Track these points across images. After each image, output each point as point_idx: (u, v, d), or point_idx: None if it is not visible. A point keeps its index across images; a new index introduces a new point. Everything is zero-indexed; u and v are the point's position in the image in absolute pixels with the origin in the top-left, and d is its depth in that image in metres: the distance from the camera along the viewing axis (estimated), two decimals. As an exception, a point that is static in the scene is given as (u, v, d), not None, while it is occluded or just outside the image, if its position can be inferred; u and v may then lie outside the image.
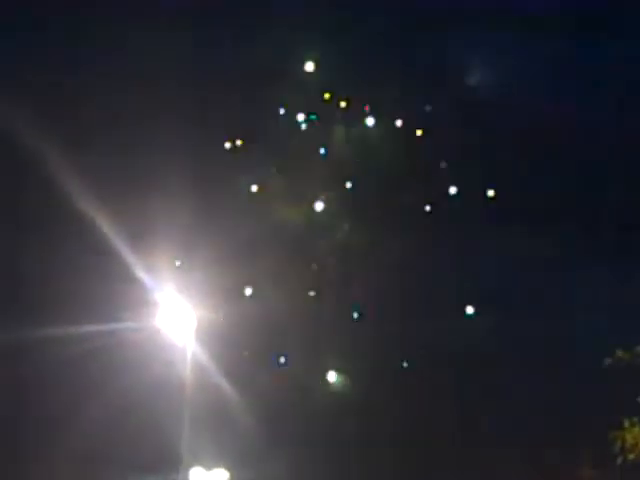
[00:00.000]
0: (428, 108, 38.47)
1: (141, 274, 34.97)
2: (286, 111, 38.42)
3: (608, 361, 26.92)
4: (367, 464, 35.13)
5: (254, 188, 38.59)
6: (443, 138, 37.99)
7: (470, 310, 37.71)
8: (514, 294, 37.25)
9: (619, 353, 26.81)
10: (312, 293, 37.84)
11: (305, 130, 38.64)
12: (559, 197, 37.50)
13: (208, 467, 33.87)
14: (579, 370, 34.69)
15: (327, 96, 38.42)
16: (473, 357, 35.97)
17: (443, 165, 38.46)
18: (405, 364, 36.98)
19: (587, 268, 36.35)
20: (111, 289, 35.02)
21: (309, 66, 38.53)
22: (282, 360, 37.05)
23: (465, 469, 34.99)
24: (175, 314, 34.16)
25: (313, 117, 38.61)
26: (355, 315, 37.28)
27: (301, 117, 38.62)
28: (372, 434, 35.32)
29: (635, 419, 25.98)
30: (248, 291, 38.13)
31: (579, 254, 36.91)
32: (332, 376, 36.83)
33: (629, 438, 25.89)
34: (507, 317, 36.11)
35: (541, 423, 35.61)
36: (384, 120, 38.45)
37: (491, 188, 38.00)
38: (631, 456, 25.87)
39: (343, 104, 38.47)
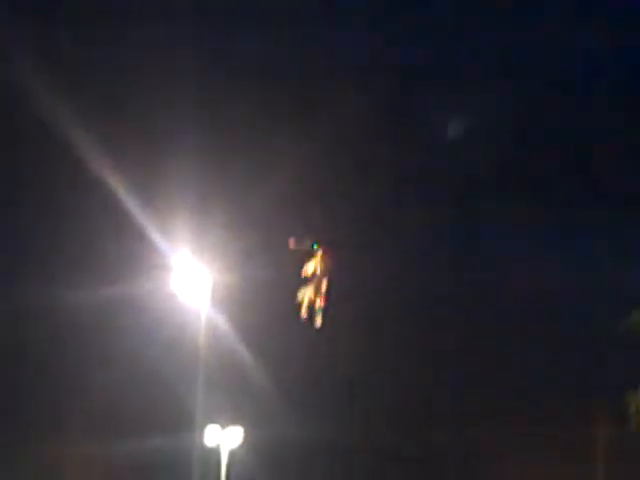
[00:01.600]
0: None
1: (156, 237, 35.03)
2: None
3: (624, 325, 26.97)
4: (379, 426, 35.35)
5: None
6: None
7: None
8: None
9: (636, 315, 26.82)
10: None
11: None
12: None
13: (223, 426, 34.03)
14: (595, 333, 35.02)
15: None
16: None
17: None
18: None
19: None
20: (125, 252, 35.09)
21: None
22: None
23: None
24: (190, 277, 34.44)
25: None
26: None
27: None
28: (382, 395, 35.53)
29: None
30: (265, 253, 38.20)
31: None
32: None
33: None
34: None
35: (558, 383, 35.70)
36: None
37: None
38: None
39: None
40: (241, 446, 34.21)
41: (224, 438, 34.06)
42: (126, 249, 35.01)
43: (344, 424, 35.34)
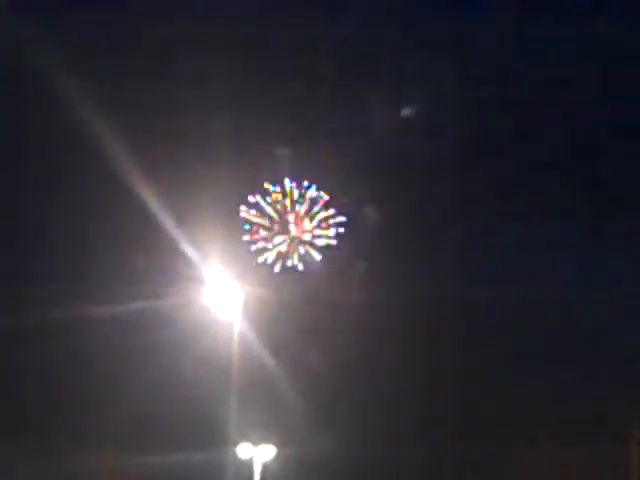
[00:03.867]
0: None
1: (188, 249, 34.98)
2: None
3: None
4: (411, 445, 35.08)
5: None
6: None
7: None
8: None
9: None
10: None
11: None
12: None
13: (255, 443, 33.80)
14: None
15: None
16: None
17: None
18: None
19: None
20: (157, 265, 35.04)
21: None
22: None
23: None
24: (222, 290, 34.37)
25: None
26: None
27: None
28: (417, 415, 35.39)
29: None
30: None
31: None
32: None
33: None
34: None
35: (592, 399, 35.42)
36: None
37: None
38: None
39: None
40: (273, 461, 33.94)
41: (257, 453, 33.76)
42: (159, 262, 34.91)
43: (374, 439, 35.00)
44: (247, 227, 39.60)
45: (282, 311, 36.29)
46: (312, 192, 40.69)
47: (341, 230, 40.34)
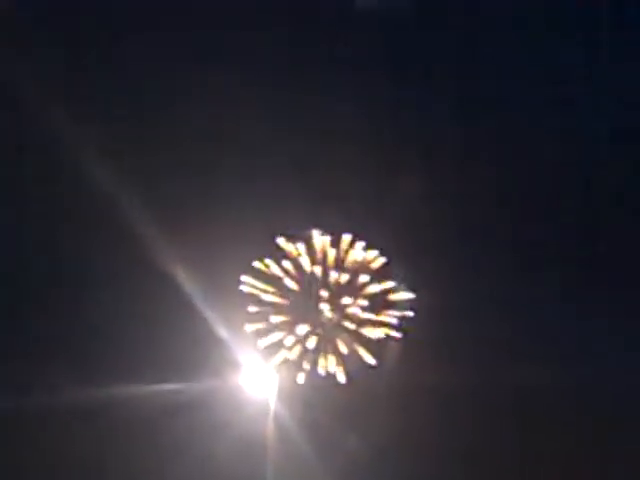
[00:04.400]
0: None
1: (223, 332, 35.06)
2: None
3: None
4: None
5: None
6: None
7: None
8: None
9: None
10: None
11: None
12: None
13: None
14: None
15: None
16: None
17: None
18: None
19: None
20: (193, 347, 35.05)
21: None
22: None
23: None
24: (257, 373, 34.46)
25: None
26: None
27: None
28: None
29: None
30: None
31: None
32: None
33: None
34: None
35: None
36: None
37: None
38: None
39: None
40: None
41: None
42: (193, 345, 34.92)
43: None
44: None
45: (317, 393, 36.14)
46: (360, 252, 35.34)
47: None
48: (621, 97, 36.47)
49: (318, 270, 34.27)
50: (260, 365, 34.81)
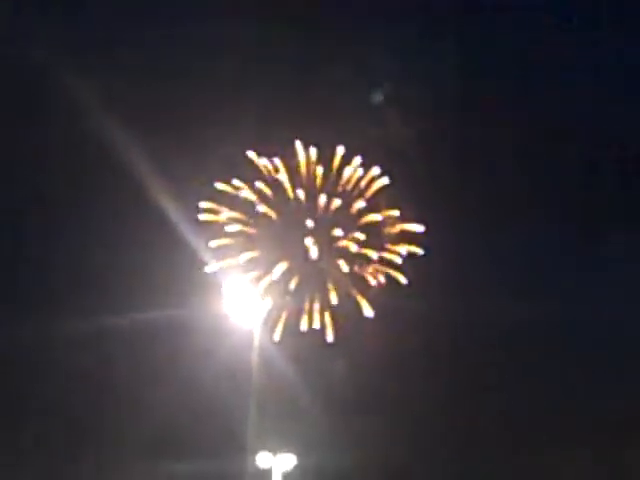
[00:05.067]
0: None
1: (208, 260, 35.08)
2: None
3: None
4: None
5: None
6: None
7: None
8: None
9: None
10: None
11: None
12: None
13: (275, 452, 33.46)
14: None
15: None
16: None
17: None
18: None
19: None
20: (177, 275, 35.02)
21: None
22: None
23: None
24: (243, 300, 34.33)
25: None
26: None
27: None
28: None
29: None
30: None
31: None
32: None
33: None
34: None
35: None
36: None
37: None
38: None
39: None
40: (293, 470, 33.53)
41: (276, 463, 33.37)
42: (179, 272, 34.87)
43: (394, 447, 34.63)
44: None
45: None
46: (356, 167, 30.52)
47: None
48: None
49: (302, 194, 30.83)
50: (245, 294, 34.39)
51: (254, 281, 33.16)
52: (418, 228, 31.64)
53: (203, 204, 32.17)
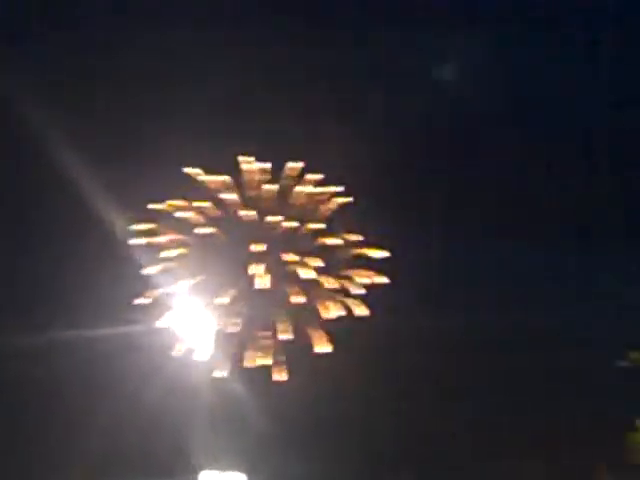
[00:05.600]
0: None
1: (154, 275, 34.56)
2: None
3: (622, 363, 26.84)
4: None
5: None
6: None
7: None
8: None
9: (633, 355, 26.83)
10: None
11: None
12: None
13: (223, 469, 33.27)
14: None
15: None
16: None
17: None
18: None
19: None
20: (122, 291, 34.42)
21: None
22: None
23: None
24: (188, 316, 33.94)
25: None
26: None
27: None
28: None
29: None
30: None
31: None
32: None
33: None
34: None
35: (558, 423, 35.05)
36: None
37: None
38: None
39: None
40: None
41: (224, 480, 33.28)
42: (126, 288, 34.35)
43: (346, 465, 34.38)
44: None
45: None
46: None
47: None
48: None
49: (250, 214, 27.81)
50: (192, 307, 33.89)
51: (201, 304, 32.18)
52: (382, 254, 29.42)
53: (139, 226, 30.46)
